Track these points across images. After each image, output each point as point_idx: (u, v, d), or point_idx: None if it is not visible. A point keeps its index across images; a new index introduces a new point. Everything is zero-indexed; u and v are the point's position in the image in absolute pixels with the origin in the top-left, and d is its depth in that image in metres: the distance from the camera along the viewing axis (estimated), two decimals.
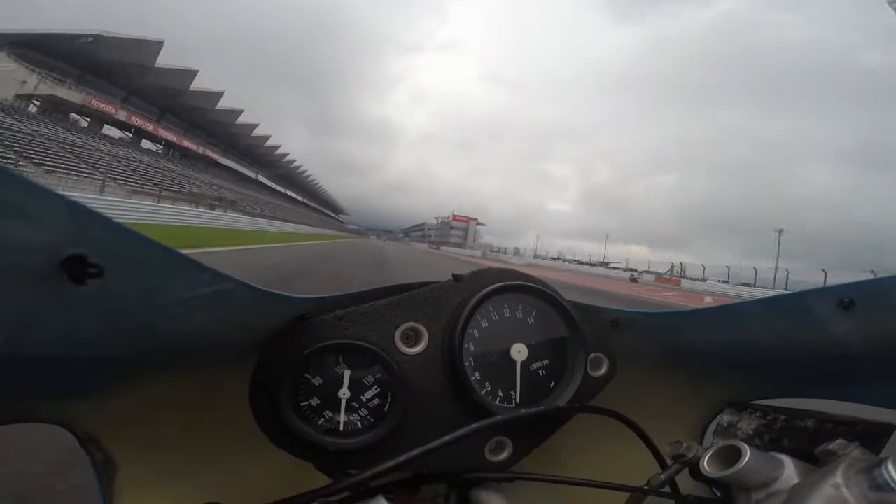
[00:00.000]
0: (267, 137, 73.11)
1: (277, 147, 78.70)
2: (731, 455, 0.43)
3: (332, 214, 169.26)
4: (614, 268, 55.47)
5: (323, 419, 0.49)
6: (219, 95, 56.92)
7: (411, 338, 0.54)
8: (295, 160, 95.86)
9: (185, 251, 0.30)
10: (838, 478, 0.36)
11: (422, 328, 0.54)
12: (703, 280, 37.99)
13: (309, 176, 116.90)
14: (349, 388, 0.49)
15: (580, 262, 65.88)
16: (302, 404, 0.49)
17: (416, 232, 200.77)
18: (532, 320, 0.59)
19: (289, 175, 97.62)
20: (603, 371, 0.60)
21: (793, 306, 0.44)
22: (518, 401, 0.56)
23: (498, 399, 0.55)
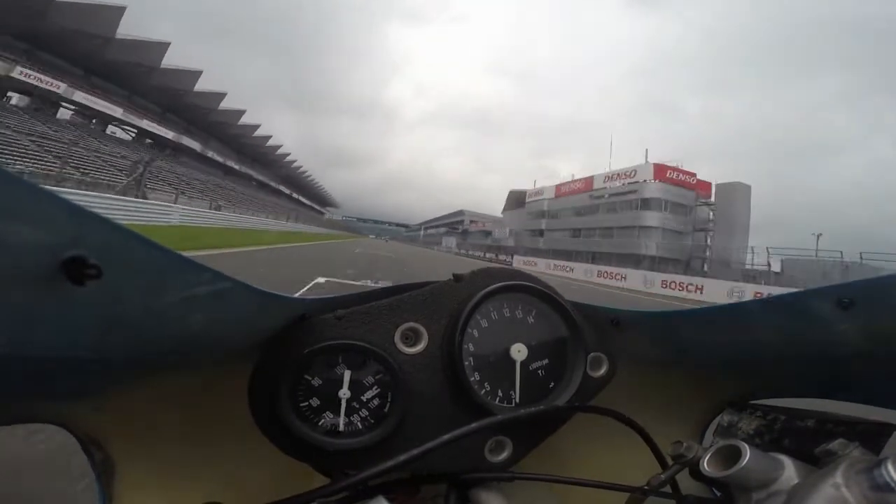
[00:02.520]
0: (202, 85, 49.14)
1: (222, 96, 52.76)
2: (732, 455, 0.43)
3: (316, 206, 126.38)
4: None
5: (323, 420, 0.49)
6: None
7: (411, 338, 0.54)
8: (270, 136, 67.01)
9: None
10: (838, 478, 0.36)
11: (421, 328, 0.55)
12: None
13: (292, 162, 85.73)
14: (349, 388, 0.49)
15: None
16: (302, 405, 0.49)
17: (453, 224, 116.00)
18: (532, 320, 0.59)
19: (256, 153, 68.76)
20: (603, 371, 0.60)
21: (793, 306, 0.44)
22: (518, 401, 0.56)
23: (497, 399, 0.55)
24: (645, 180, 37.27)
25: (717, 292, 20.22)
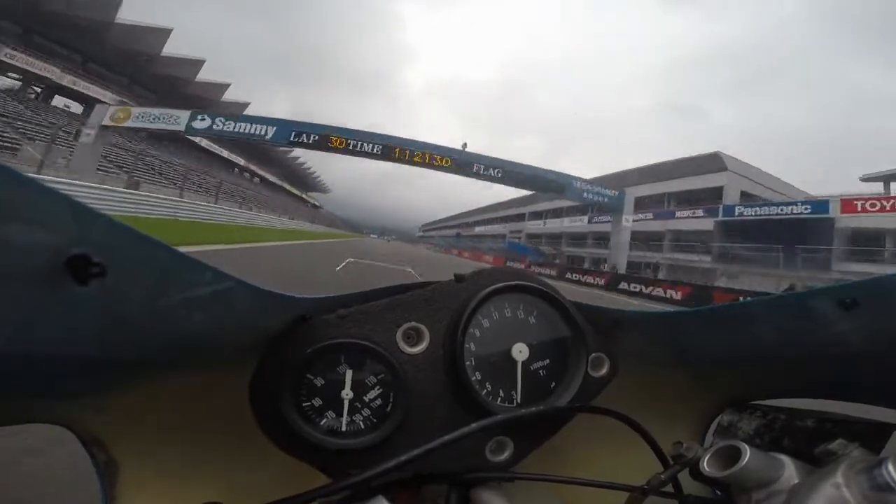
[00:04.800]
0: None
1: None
2: (732, 455, 0.43)
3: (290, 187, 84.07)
4: None
5: (325, 419, 0.50)
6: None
7: (413, 337, 0.55)
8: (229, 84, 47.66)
9: None
10: (838, 478, 0.36)
11: (423, 328, 0.55)
12: None
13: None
14: (351, 388, 0.49)
15: None
16: (304, 404, 0.49)
17: (694, 195, 29.90)
18: (533, 320, 0.59)
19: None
20: (604, 371, 0.60)
21: (794, 306, 0.44)
22: (519, 401, 0.56)
23: (499, 399, 0.55)
24: None
25: None
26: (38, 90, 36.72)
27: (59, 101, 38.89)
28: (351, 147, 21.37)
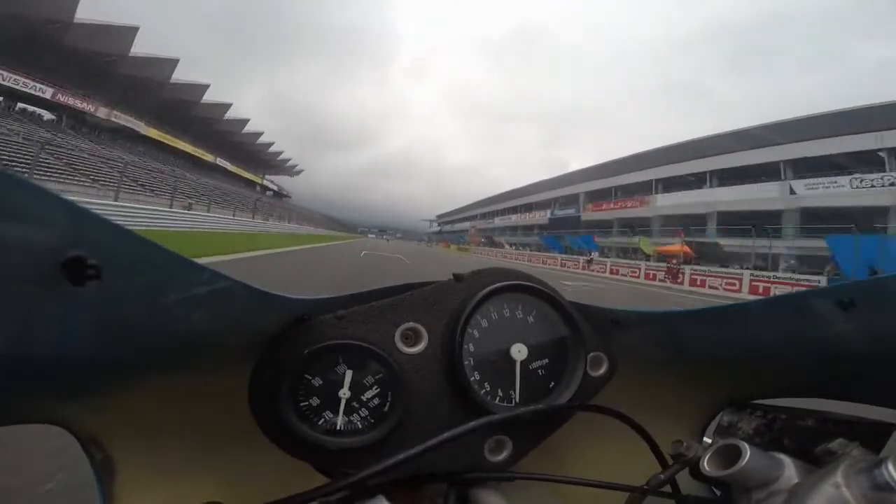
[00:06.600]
0: None
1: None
2: (732, 454, 0.43)
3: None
4: None
5: (323, 419, 0.50)
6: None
7: (411, 338, 0.55)
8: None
9: None
10: (838, 478, 0.36)
11: (421, 328, 0.55)
12: None
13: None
14: (349, 388, 0.50)
15: None
16: (302, 404, 0.49)
17: None
18: (532, 320, 0.59)
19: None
20: (603, 370, 0.61)
21: (793, 306, 0.45)
22: (518, 400, 0.56)
23: (497, 399, 0.55)
24: None
25: None
26: None
27: None
28: None
